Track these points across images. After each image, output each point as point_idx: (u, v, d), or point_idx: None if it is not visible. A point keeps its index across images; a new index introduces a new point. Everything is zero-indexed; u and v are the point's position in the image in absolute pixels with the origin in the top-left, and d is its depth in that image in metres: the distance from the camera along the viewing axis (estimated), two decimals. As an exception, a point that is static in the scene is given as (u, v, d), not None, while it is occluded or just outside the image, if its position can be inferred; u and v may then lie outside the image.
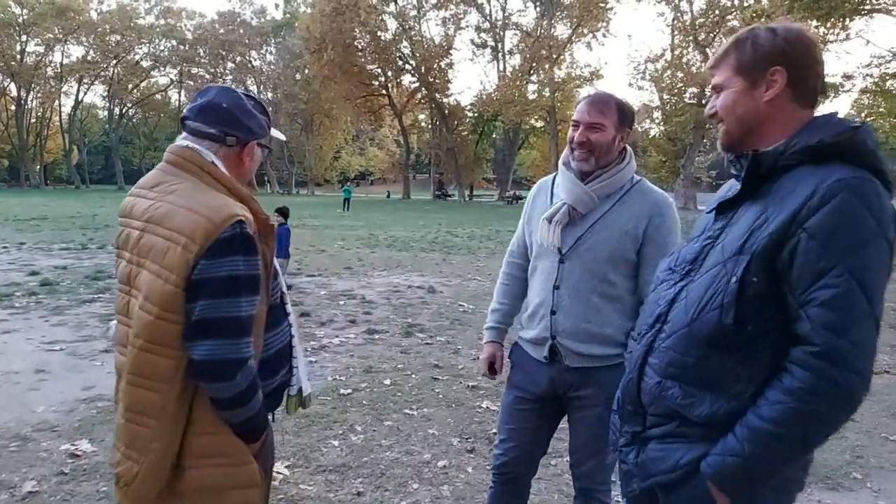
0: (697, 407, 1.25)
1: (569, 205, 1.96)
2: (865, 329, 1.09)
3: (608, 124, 1.93)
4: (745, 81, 1.28)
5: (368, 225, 21.26)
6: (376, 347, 5.54)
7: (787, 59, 1.24)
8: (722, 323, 1.20)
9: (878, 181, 1.15)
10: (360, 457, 3.32)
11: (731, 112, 1.31)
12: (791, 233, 1.14)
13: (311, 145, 66.72)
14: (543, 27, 45.00)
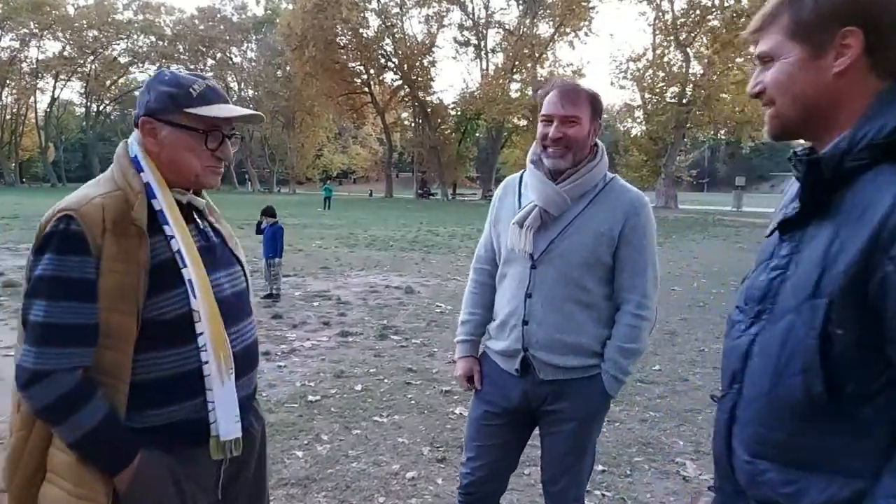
0: (807, 496, 0.95)
1: (540, 207, 1.82)
2: None
3: (583, 117, 1.80)
4: (806, 48, 0.96)
5: (349, 224, 21.03)
6: (349, 351, 5.38)
7: (864, 15, 0.91)
8: (809, 392, 0.93)
9: None
10: (325, 468, 3.17)
11: (785, 90, 0.99)
12: (874, 263, 0.85)
13: (293, 143, 66.21)
14: (526, 25, 44.99)
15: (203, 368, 1.30)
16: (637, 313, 1.81)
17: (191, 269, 1.29)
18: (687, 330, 6.40)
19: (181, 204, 1.37)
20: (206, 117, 1.32)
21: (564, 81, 1.86)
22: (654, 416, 4.01)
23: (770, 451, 1.00)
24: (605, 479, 3.15)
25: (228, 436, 1.33)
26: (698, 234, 19.28)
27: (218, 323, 1.32)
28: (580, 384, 1.84)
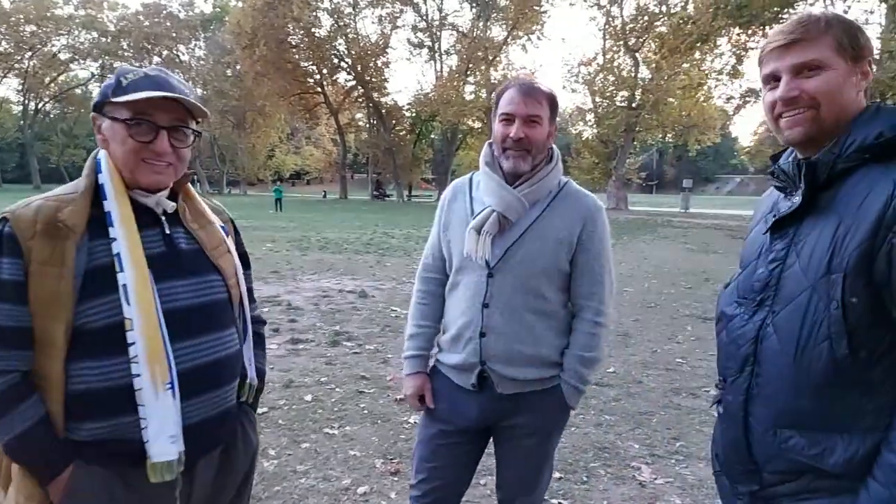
0: (830, 455, 1.09)
1: (498, 212, 1.72)
2: None
3: (544, 117, 1.73)
4: (848, 66, 1.14)
5: (301, 226, 20.64)
6: (299, 359, 5.20)
7: (871, 53, 1.17)
8: (836, 356, 1.07)
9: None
10: (271, 486, 3.01)
11: (834, 97, 1.14)
12: (881, 241, 1.04)
13: (244, 143, 64.77)
14: (479, 28, 45.23)
15: (134, 382, 1.20)
16: (596, 321, 1.77)
17: (129, 274, 1.20)
18: (639, 331, 6.46)
19: (143, 206, 1.29)
20: (128, 103, 1.25)
21: (524, 79, 1.78)
22: (609, 419, 3.99)
23: (796, 419, 1.13)
24: (562, 486, 3.10)
25: (160, 457, 1.22)
26: (648, 235, 19.69)
27: (155, 334, 1.22)
28: (539, 396, 1.77)
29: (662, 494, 3.06)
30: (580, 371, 1.76)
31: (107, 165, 1.27)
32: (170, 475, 1.23)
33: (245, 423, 1.51)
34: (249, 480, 1.54)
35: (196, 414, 1.29)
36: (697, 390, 4.59)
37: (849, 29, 1.14)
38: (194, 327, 1.31)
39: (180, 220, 1.38)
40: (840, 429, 1.09)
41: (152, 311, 1.22)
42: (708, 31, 25.87)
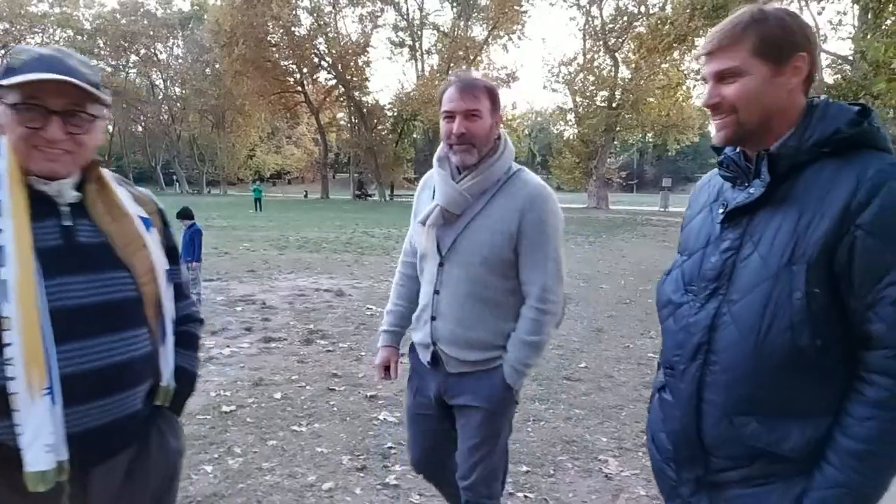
0: (787, 440, 1.12)
1: (441, 206, 1.83)
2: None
3: (483, 110, 1.78)
4: (770, 67, 1.14)
5: (280, 226, 20.48)
6: (271, 357, 5.15)
7: (810, 45, 1.15)
8: (797, 345, 1.10)
9: None
10: (235, 483, 2.98)
11: (753, 102, 1.16)
12: (843, 232, 1.06)
13: (223, 143, 64.19)
14: (460, 28, 45.26)
15: (8, 386, 1.10)
16: (537, 307, 1.81)
17: (11, 268, 1.10)
18: (613, 327, 6.50)
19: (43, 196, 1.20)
20: (16, 86, 1.15)
21: (462, 75, 1.84)
22: (579, 413, 4.01)
23: (753, 406, 1.14)
24: (529, 479, 3.11)
25: (34, 467, 1.12)
26: (627, 234, 19.83)
27: (34, 334, 1.11)
28: (482, 376, 1.86)
29: (628, 486, 3.07)
30: (520, 353, 1.82)
31: (6, 150, 1.18)
32: (44, 486, 1.13)
33: (163, 427, 1.42)
34: (173, 486, 1.46)
35: (86, 421, 1.19)
36: (667, 384, 4.63)
37: (768, 31, 1.14)
38: (87, 328, 1.20)
39: (87, 212, 1.27)
40: (797, 415, 1.12)
41: (33, 309, 1.12)
42: (685, 32, 26.11)
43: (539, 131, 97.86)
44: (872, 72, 17.05)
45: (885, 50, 15.14)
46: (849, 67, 22.77)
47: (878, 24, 20.03)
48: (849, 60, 23.13)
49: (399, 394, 4.29)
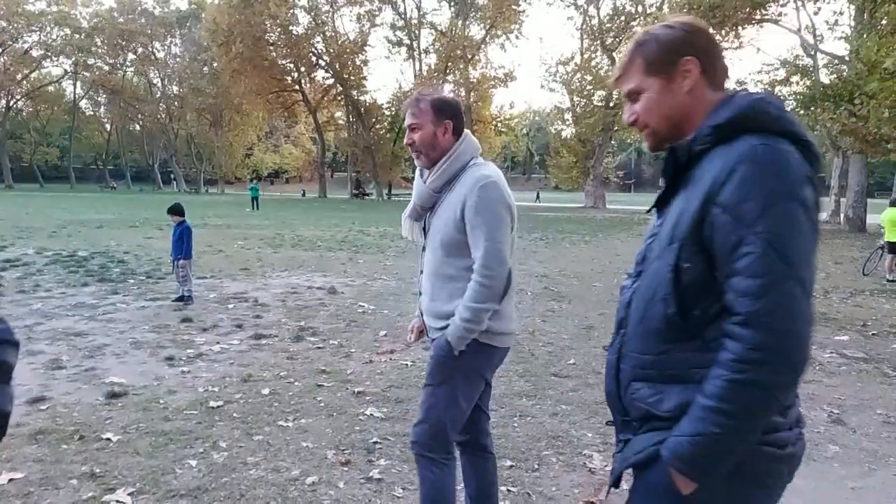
0: (666, 402, 1.23)
1: (415, 202, 2.22)
2: (785, 290, 1.08)
3: (424, 122, 2.10)
4: (661, 79, 1.28)
5: (277, 224, 20.48)
6: (260, 354, 5.15)
7: (694, 47, 1.26)
8: (667, 315, 1.22)
9: (794, 145, 1.16)
10: (219, 477, 2.99)
11: (655, 114, 1.31)
12: (706, 211, 1.15)
13: (221, 142, 64.07)
14: (458, 27, 45.25)
15: None
16: (476, 278, 2.02)
17: None
18: (603, 324, 6.51)
19: None
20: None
21: (412, 96, 2.18)
22: (565, 409, 4.02)
23: (642, 372, 1.28)
24: (512, 474, 3.12)
25: None
26: (623, 233, 19.86)
27: None
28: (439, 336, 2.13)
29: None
30: (460, 313, 2.03)
31: None
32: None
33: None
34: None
35: None
36: (655, 380, 4.64)
37: (649, 51, 1.28)
38: None
39: None
40: (677, 380, 1.22)
41: None
42: (682, 31, 26.16)
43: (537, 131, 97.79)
44: (866, 71, 17.07)
45: (877, 49, 15.15)
46: (845, 67, 22.82)
47: (873, 23, 20.05)
48: (845, 60, 23.17)
49: (386, 390, 4.30)
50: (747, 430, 1.12)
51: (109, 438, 3.36)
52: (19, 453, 3.17)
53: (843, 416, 4.04)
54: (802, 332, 1.09)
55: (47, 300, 7.06)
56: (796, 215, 1.09)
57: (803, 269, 1.09)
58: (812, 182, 1.13)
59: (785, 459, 1.20)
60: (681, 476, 1.17)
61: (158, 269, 9.63)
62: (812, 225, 1.12)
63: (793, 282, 1.08)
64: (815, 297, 1.17)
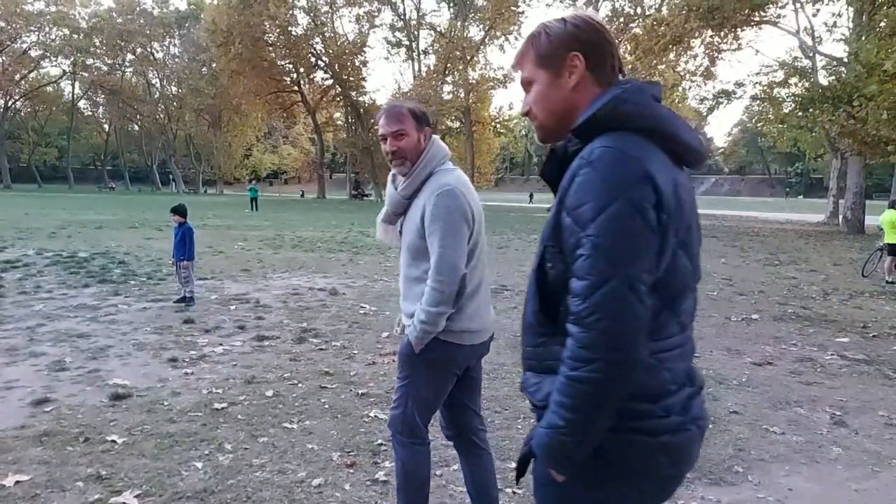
0: (540, 392, 1.27)
1: (387, 208, 2.34)
2: (607, 290, 1.09)
3: (408, 128, 2.20)
4: (549, 72, 1.30)
5: (276, 225, 20.48)
6: (263, 355, 5.16)
7: (581, 43, 1.27)
8: (533, 310, 1.30)
9: (655, 140, 1.19)
10: (225, 479, 2.99)
11: (542, 105, 1.33)
12: (559, 212, 1.20)
13: (220, 142, 64.01)
14: (457, 28, 45.27)
15: None
16: (429, 283, 2.13)
17: None
18: (606, 326, 6.52)
19: None
20: None
21: (388, 104, 2.28)
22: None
23: (528, 362, 1.34)
24: (508, 476, 3.12)
25: None
26: (623, 234, 19.85)
27: None
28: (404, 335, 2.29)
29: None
30: (417, 315, 2.15)
31: None
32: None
33: None
34: None
35: None
36: (658, 382, 4.66)
37: (540, 44, 1.31)
38: None
39: None
40: (551, 371, 1.23)
41: None
42: (681, 33, 26.21)
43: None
44: (865, 73, 17.11)
45: (876, 51, 15.18)
46: (843, 69, 22.88)
47: (872, 25, 20.09)
48: (843, 62, 23.23)
49: (390, 391, 4.30)
50: (588, 422, 1.14)
51: (115, 440, 3.37)
52: (25, 455, 3.18)
53: (846, 418, 4.06)
54: (624, 330, 1.09)
55: (49, 301, 7.06)
56: (626, 216, 1.10)
57: (630, 268, 1.09)
58: (652, 180, 1.12)
59: (659, 448, 1.19)
60: (551, 468, 1.22)
61: (159, 270, 9.63)
62: (646, 223, 1.10)
63: (617, 281, 1.08)
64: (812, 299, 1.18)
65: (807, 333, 6.49)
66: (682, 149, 1.21)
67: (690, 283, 1.26)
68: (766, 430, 3.81)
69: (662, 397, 1.19)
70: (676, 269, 1.19)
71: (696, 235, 1.28)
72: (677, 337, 1.23)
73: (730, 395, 4.43)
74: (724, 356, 5.48)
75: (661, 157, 1.17)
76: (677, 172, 1.21)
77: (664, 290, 1.17)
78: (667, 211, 1.13)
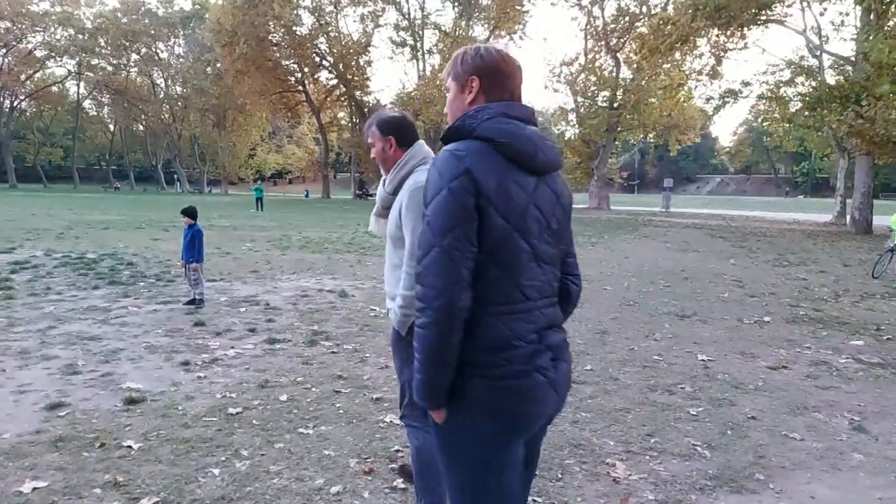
0: None
1: (378, 204, 2.59)
2: (432, 255, 1.44)
3: (374, 140, 2.54)
4: (457, 86, 1.68)
5: (282, 225, 20.48)
6: (276, 359, 5.14)
7: (479, 70, 1.64)
8: None
9: (494, 147, 1.50)
10: (243, 486, 2.97)
11: (450, 110, 1.71)
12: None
13: (224, 142, 64.08)
14: (462, 28, 45.18)
15: None
16: (404, 269, 2.28)
17: None
18: (617, 329, 6.49)
19: None
20: None
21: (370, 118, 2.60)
22: (585, 416, 4.00)
23: None
24: (536, 483, 3.09)
25: None
26: (629, 235, 19.82)
27: None
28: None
29: (636, 490, 3.07)
30: (397, 301, 2.33)
31: None
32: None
33: None
34: None
35: None
36: (673, 387, 4.62)
37: (455, 63, 1.68)
38: None
39: None
40: None
41: None
42: (687, 32, 26.09)
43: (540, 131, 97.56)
44: (875, 73, 16.99)
45: (889, 51, 15.07)
46: (850, 69, 22.74)
47: (881, 25, 19.96)
48: (851, 61, 23.09)
49: (405, 396, 4.28)
50: (431, 361, 1.46)
51: (130, 446, 3.35)
52: (41, 461, 3.16)
53: (865, 423, 4.02)
54: (440, 285, 1.42)
55: (59, 303, 7.06)
56: (445, 200, 1.44)
57: (447, 238, 1.43)
58: (471, 174, 1.44)
59: (502, 389, 1.49)
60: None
61: (167, 271, 9.63)
62: (463, 207, 1.43)
63: (437, 249, 1.43)
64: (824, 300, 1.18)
65: (820, 336, 6.44)
66: (518, 156, 1.51)
67: (529, 261, 1.53)
68: (786, 437, 3.77)
69: (505, 350, 1.48)
70: (510, 248, 1.49)
71: (545, 225, 1.57)
72: (521, 304, 1.52)
73: (746, 399, 4.40)
74: (739, 360, 5.44)
75: (495, 160, 1.49)
76: (517, 174, 1.51)
77: (503, 264, 1.48)
78: (486, 198, 1.44)
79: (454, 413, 1.51)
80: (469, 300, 1.44)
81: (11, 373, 4.57)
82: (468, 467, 1.55)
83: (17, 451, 3.27)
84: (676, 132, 40.35)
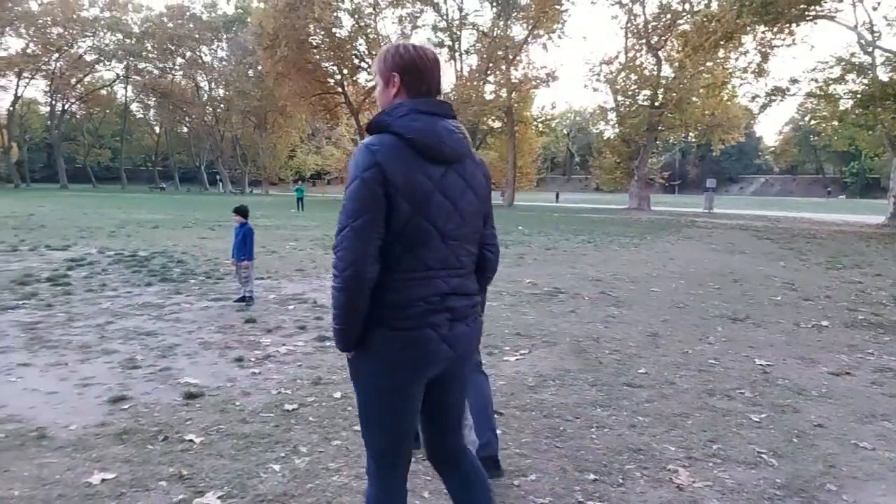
0: None
1: None
2: (344, 232, 1.69)
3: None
4: (382, 81, 1.86)
5: (323, 225, 20.72)
6: (326, 356, 5.18)
7: (400, 67, 1.82)
8: None
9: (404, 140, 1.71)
10: (303, 483, 2.99)
11: (379, 102, 1.89)
12: None
13: (265, 143, 65.25)
14: (500, 27, 45.03)
15: None
16: None
17: None
18: (669, 332, 6.34)
19: None
20: None
21: None
22: (643, 420, 3.91)
23: None
24: (598, 488, 3.04)
25: None
26: (672, 236, 19.43)
27: None
28: None
29: (701, 499, 2.97)
30: None
31: None
32: None
33: None
34: None
35: None
36: (732, 392, 4.49)
37: (377, 61, 1.87)
38: None
39: None
40: None
41: None
42: (732, 29, 25.47)
43: (578, 131, 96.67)
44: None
45: (954, 45, 14.36)
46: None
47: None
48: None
49: (458, 396, 4.26)
50: (342, 315, 1.73)
51: (192, 440, 3.41)
52: (108, 453, 3.24)
53: (941, 434, 3.82)
54: (348, 259, 1.66)
55: (115, 299, 7.26)
56: (357, 188, 1.67)
57: (357, 220, 1.66)
58: (381, 167, 1.66)
59: (397, 338, 1.75)
60: None
61: (216, 269, 9.83)
62: (371, 194, 1.65)
63: (349, 228, 1.67)
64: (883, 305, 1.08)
65: (882, 342, 6.18)
66: (424, 149, 1.71)
67: (432, 240, 1.74)
68: (856, 446, 3.62)
69: (406, 308, 1.74)
70: (415, 228, 1.71)
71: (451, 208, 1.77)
72: (420, 273, 1.74)
73: (811, 407, 4.24)
74: (799, 365, 5.26)
75: (404, 152, 1.69)
76: (424, 164, 1.71)
77: (405, 241, 1.71)
78: (394, 187, 1.66)
79: (361, 352, 1.80)
80: (375, 272, 1.68)
81: (74, 366, 4.70)
82: (370, 393, 1.86)
83: (83, 442, 3.36)
84: (720, 131, 39.41)
